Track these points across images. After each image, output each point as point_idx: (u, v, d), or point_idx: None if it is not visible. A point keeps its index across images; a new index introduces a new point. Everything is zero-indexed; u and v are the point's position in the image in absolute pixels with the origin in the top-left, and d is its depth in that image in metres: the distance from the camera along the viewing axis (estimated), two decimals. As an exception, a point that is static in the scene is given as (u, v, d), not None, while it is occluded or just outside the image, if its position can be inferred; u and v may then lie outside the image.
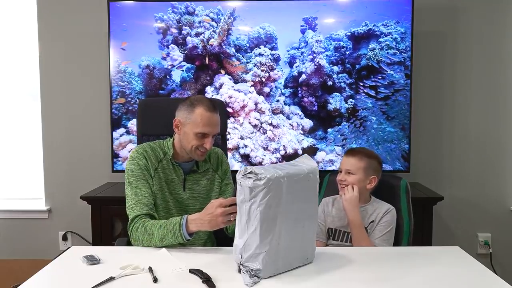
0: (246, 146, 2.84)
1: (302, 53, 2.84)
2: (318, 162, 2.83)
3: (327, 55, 2.82)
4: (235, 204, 1.41)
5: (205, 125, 1.73)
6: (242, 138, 2.85)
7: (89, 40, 3.03)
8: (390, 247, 1.85)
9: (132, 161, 1.79)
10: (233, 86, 2.85)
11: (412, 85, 2.80)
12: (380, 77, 2.80)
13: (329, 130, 2.86)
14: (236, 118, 2.86)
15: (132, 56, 2.86)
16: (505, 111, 3.01)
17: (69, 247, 1.71)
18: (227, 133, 2.59)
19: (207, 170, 1.90)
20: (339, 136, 2.84)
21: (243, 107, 2.84)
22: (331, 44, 2.82)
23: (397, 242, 1.91)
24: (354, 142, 2.83)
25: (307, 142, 2.86)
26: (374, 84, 2.80)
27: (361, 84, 2.82)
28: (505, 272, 2.94)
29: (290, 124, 2.86)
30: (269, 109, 2.86)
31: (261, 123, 2.85)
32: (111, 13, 2.83)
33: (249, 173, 1.32)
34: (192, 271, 1.40)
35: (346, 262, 1.52)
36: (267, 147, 2.85)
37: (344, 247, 1.83)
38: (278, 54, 2.84)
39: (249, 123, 2.86)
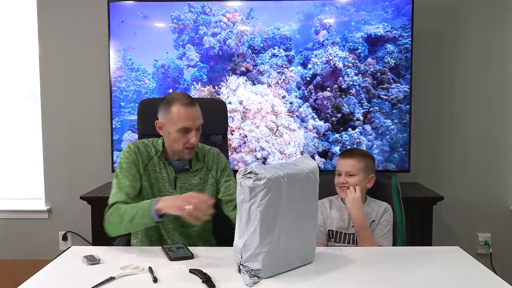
0: (263, 149, 2.83)
1: (315, 55, 2.81)
2: (335, 167, 2.80)
3: (341, 57, 2.80)
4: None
5: (184, 120, 1.71)
6: (258, 141, 2.84)
7: (89, 40, 3.02)
8: (390, 247, 1.86)
9: (122, 155, 1.80)
10: (249, 88, 2.83)
11: (412, 85, 2.80)
12: (398, 82, 2.78)
13: (344, 133, 2.83)
14: (252, 120, 2.85)
15: (143, 55, 2.85)
16: (504, 111, 3.01)
17: (69, 247, 1.71)
18: (228, 133, 2.58)
19: (200, 169, 1.86)
20: (354, 140, 2.82)
21: (259, 110, 2.82)
22: (345, 46, 2.80)
23: (393, 240, 1.92)
24: (367, 146, 2.80)
25: (323, 146, 2.84)
26: (390, 87, 2.79)
27: (376, 87, 2.80)
28: (505, 272, 2.93)
29: (305, 127, 2.84)
30: (285, 112, 2.84)
31: (277, 126, 2.83)
32: (112, 11, 2.83)
33: (249, 173, 1.32)
34: (192, 271, 1.40)
35: (346, 262, 1.52)
36: (283, 151, 2.83)
37: (344, 247, 1.83)
38: (292, 55, 2.83)
39: (266, 126, 2.84)
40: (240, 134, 2.85)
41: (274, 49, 2.83)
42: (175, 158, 1.83)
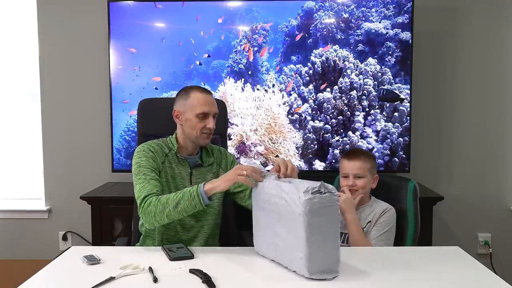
0: (260, 154, 2.82)
1: (315, 54, 2.80)
2: (334, 169, 2.80)
3: (341, 56, 2.79)
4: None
5: (203, 105, 1.79)
6: (256, 146, 2.83)
7: (89, 40, 3.02)
8: (390, 247, 1.85)
9: (139, 154, 1.81)
10: (247, 88, 2.83)
11: (412, 85, 2.80)
12: (398, 83, 2.78)
13: (345, 138, 2.82)
14: (251, 124, 2.83)
15: (143, 55, 2.85)
16: (504, 111, 3.01)
17: (69, 247, 1.71)
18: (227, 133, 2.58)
19: (212, 164, 1.91)
20: (355, 142, 2.81)
21: (257, 111, 2.82)
22: (346, 44, 2.79)
23: (401, 244, 1.91)
24: (367, 149, 2.79)
25: (327, 147, 2.84)
26: (390, 88, 2.78)
27: (377, 88, 2.79)
28: (505, 272, 2.93)
29: (305, 128, 2.83)
30: (283, 113, 2.82)
31: (276, 128, 2.82)
32: (112, 11, 2.82)
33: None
34: (192, 271, 1.40)
35: (345, 262, 1.52)
36: (282, 154, 2.82)
37: (343, 247, 1.83)
38: (291, 54, 2.81)
39: (265, 128, 2.83)
40: (238, 136, 2.84)
41: (273, 47, 2.82)
42: (189, 152, 1.87)
